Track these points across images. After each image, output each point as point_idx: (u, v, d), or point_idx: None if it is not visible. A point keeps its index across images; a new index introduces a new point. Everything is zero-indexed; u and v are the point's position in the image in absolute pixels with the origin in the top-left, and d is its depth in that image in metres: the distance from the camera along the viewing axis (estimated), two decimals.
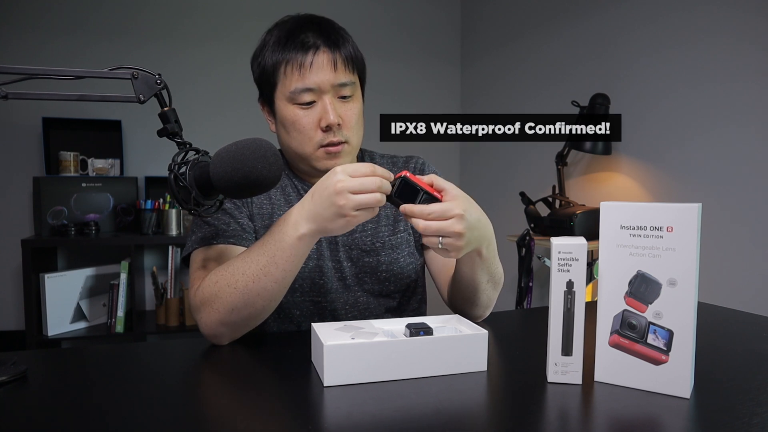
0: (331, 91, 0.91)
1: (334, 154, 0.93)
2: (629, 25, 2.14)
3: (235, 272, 0.78)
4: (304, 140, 0.93)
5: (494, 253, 0.86)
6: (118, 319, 2.43)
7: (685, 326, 0.61)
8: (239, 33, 2.86)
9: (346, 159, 0.95)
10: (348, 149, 0.94)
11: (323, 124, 0.91)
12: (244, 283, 0.77)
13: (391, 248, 0.99)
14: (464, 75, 3.37)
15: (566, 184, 2.35)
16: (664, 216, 0.62)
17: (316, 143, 0.92)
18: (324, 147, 0.92)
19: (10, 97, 0.65)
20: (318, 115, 0.91)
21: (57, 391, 0.65)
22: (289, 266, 0.77)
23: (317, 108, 0.91)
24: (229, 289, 0.78)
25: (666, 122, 1.99)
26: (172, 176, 0.71)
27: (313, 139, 0.92)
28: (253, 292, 0.77)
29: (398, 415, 0.57)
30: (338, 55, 0.91)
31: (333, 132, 0.91)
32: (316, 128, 0.91)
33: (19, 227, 2.57)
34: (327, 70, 0.90)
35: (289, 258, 0.76)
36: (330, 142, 0.92)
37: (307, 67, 0.89)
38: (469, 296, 0.90)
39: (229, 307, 0.78)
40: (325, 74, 0.90)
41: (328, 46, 0.91)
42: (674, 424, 0.58)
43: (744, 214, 1.73)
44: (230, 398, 0.64)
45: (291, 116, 0.92)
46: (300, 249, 0.76)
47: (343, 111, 0.92)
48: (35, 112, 2.52)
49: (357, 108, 0.95)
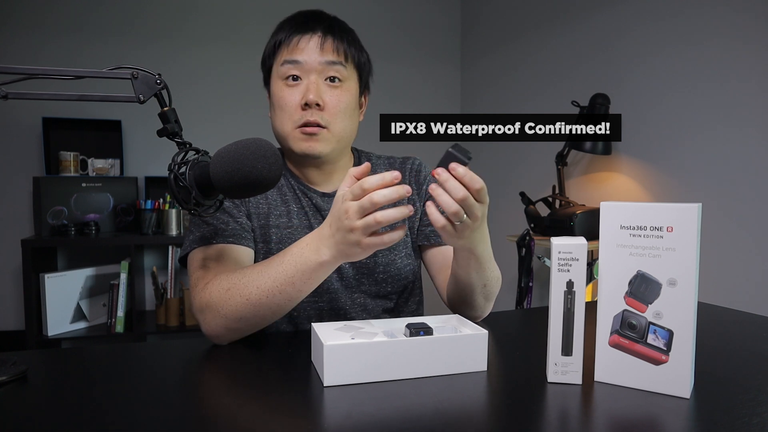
0: (318, 71, 0.92)
1: (309, 134, 0.92)
2: (629, 25, 2.14)
3: (249, 284, 0.78)
4: (284, 118, 0.93)
5: (489, 255, 0.85)
6: (118, 319, 2.43)
7: (685, 326, 0.61)
8: (239, 33, 2.86)
9: (323, 145, 0.93)
10: (327, 135, 0.93)
11: (302, 101, 0.91)
12: (257, 296, 0.77)
13: (389, 249, 0.99)
14: (464, 75, 3.37)
15: (566, 184, 2.35)
16: (664, 216, 0.62)
17: (294, 122, 0.92)
18: (300, 127, 0.92)
19: (10, 97, 0.65)
20: (301, 94, 0.92)
21: (57, 391, 0.65)
22: (306, 288, 0.77)
23: (302, 86, 0.92)
24: (240, 299, 0.78)
25: (666, 122, 1.99)
26: (172, 176, 0.71)
27: (293, 116, 0.92)
28: (264, 306, 0.77)
29: (398, 415, 0.57)
30: (329, 38, 0.93)
31: (311, 112, 0.91)
32: (298, 107, 0.92)
33: (19, 227, 2.57)
34: (314, 47, 0.92)
35: (308, 281, 0.76)
36: (306, 121, 0.91)
37: (303, 43, 0.92)
38: (466, 298, 0.90)
39: (238, 316, 0.78)
40: (312, 51, 0.92)
41: (327, 30, 0.93)
42: (674, 424, 0.58)
43: (744, 214, 1.73)
44: (230, 398, 0.64)
45: (278, 93, 0.94)
46: (320, 274, 0.75)
47: (328, 95, 0.92)
48: (35, 112, 2.52)
49: (345, 96, 0.94)
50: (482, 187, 0.67)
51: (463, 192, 0.66)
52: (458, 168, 0.66)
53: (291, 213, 0.98)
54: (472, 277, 0.85)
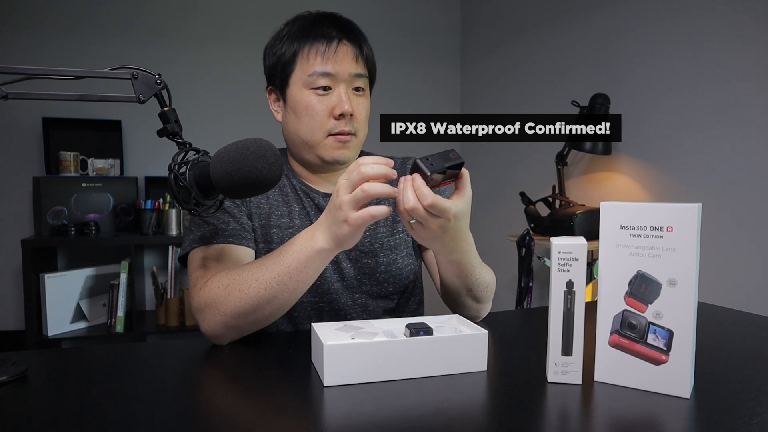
0: (347, 82, 0.93)
1: (343, 143, 0.94)
2: (629, 25, 2.14)
3: (247, 278, 0.78)
4: (315, 126, 0.93)
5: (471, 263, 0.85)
6: (118, 319, 2.43)
7: (685, 326, 0.61)
8: (239, 33, 2.86)
9: (352, 152, 0.96)
10: (355, 142, 0.96)
11: (336, 112, 0.92)
12: (256, 290, 0.77)
13: (390, 249, 0.99)
14: (464, 75, 3.37)
15: (566, 184, 2.35)
16: (664, 216, 0.62)
17: (326, 130, 0.93)
18: (334, 135, 0.93)
19: (10, 97, 0.65)
20: (332, 103, 0.92)
21: (57, 391, 0.65)
22: (304, 278, 0.77)
23: (332, 96, 0.93)
24: (239, 294, 0.78)
25: (666, 122, 1.99)
26: (172, 176, 0.71)
27: (325, 126, 0.93)
28: (264, 300, 0.77)
29: (398, 415, 0.57)
30: (359, 49, 0.95)
31: (345, 121, 0.93)
32: (329, 116, 0.93)
33: (19, 227, 2.57)
34: (349, 59, 0.93)
35: (304, 270, 0.76)
36: (341, 130, 0.93)
37: (331, 53, 0.92)
38: (453, 297, 0.92)
39: (236, 312, 0.78)
40: (347, 63, 0.93)
41: (350, 39, 0.94)
42: (674, 424, 0.58)
43: (744, 214, 1.73)
44: (230, 398, 0.64)
45: (305, 101, 0.93)
46: (317, 262, 0.76)
47: (355, 103, 0.94)
48: (35, 112, 2.52)
49: (367, 104, 0.98)
50: (432, 204, 0.68)
51: (412, 203, 0.68)
52: (416, 179, 0.68)
53: (293, 213, 0.98)
54: (454, 280, 0.87)
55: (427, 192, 0.68)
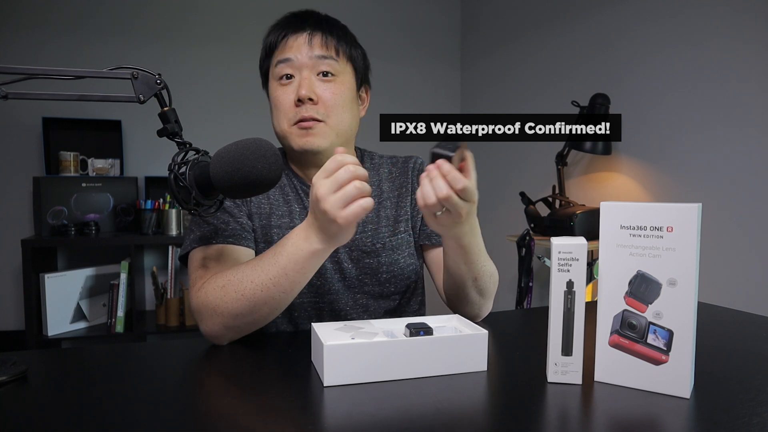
0: (310, 67, 0.92)
1: (305, 129, 0.92)
2: (629, 25, 2.14)
3: (243, 279, 0.78)
4: (281, 117, 0.94)
5: (479, 248, 0.85)
6: (118, 319, 2.43)
7: (685, 326, 0.61)
8: (239, 33, 2.86)
9: (320, 139, 0.92)
10: (324, 129, 0.92)
11: (296, 98, 0.91)
12: (252, 291, 0.77)
13: (392, 249, 0.99)
14: (464, 75, 3.37)
15: (566, 184, 2.35)
16: (664, 216, 0.62)
17: (290, 119, 0.93)
18: (297, 123, 0.92)
19: (10, 97, 0.65)
20: (295, 91, 0.92)
21: (57, 391, 0.65)
22: (300, 278, 0.77)
23: (294, 84, 0.93)
24: (236, 295, 0.77)
25: (666, 122, 1.99)
26: (172, 176, 0.71)
27: (288, 115, 0.93)
28: (260, 301, 0.77)
29: (398, 415, 0.57)
30: (318, 34, 0.94)
31: (306, 107, 0.91)
32: (292, 105, 0.92)
33: (19, 227, 2.57)
34: (302, 43, 0.93)
35: (300, 270, 0.76)
36: (302, 117, 0.91)
37: (293, 42, 0.93)
38: (459, 292, 0.90)
39: (234, 313, 0.78)
40: (300, 47, 0.92)
41: (311, 27, 0.94)
42: (674, 424, 0.58)
43: (744, 214, 1.73)
44: (230, 398, 0.64)
45: (273, 94, 0.94)
46: (312, 263, 0.76)
47: (321, 89, 0.93)
48: (35, 112, 2.52)
49: (341, 90, 0.94)
50: (465, 187, 0.68)
51: (445, 191, 0.67)
52: (444, 165, 0.67)
53: (293, 213, 0.98)
54: (462, 268, 0.86)
55: (459, 176, 0.67)
